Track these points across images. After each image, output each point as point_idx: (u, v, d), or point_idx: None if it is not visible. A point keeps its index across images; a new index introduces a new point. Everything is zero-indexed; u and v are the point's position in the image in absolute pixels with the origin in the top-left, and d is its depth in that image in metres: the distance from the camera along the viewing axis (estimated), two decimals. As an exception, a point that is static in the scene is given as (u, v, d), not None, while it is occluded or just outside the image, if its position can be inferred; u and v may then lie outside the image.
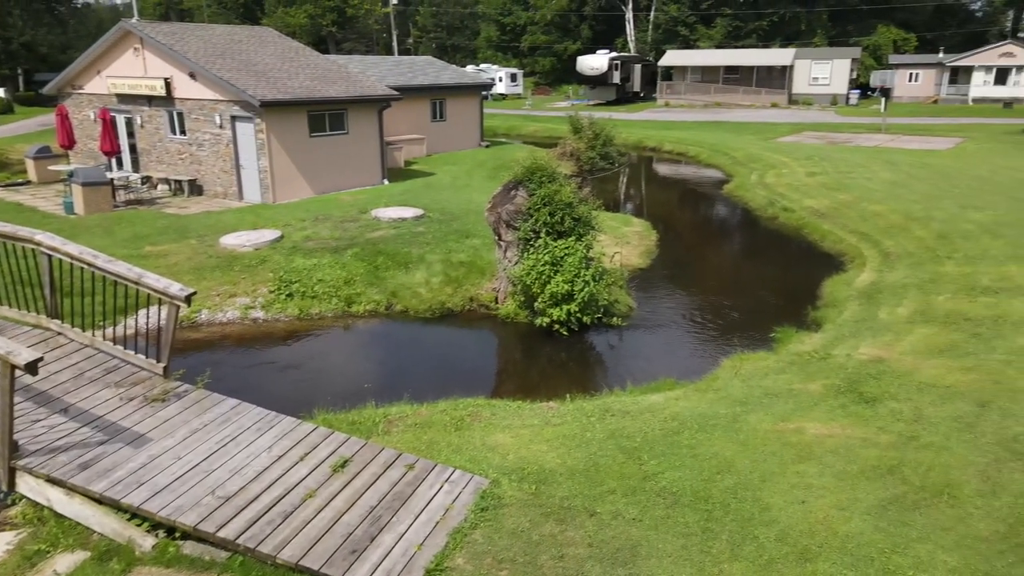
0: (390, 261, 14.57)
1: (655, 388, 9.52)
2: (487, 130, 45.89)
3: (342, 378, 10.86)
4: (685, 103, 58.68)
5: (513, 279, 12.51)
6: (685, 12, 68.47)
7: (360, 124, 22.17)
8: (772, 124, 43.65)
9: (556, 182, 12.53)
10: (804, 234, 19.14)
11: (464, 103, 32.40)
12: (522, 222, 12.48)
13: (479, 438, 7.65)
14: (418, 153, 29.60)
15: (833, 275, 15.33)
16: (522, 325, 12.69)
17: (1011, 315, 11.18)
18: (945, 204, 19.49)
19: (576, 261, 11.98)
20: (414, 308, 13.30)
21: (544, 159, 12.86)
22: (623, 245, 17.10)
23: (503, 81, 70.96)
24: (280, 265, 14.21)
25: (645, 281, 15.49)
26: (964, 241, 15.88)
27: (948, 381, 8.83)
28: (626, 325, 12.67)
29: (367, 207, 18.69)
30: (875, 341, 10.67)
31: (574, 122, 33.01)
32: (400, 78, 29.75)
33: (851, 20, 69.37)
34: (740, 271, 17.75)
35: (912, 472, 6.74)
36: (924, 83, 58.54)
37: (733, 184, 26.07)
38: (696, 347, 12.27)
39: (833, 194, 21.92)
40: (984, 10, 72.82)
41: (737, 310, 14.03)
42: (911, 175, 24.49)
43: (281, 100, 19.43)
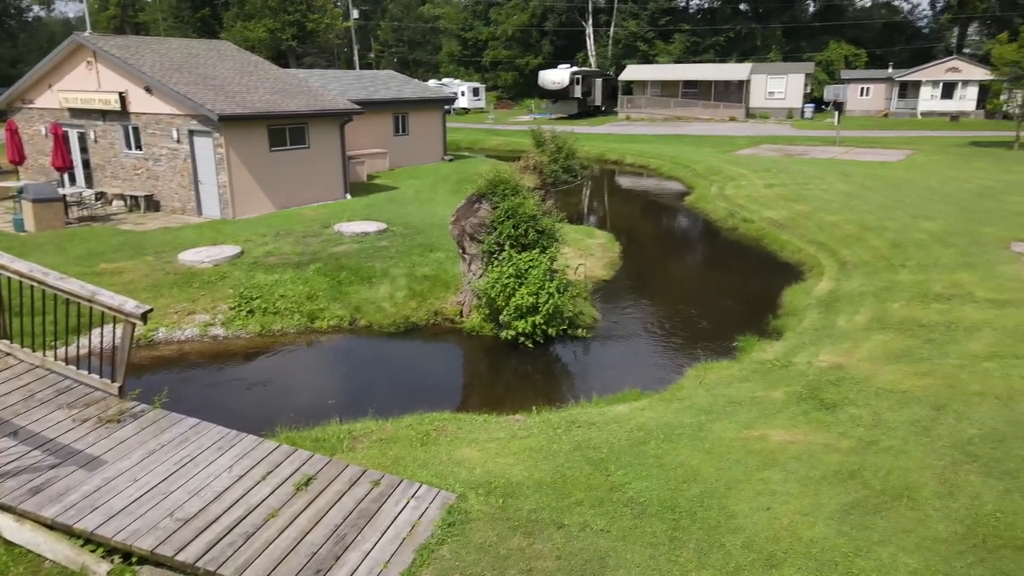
0: (353, 276, 14.43)
1: (621, 399, 9.56)
2: (450, 144, 45.93)
3: (306, 395, 10.68)
4: (646, 117, 59.52)
5: (478, 292, 12.49)
6: (644, 28, 69.66)
7: (321, 138, 22.00)
8: (731, 137, 44.49)
9: (519, 195, 12.57)
10: (764, 244, 19.48)
11: (426, 117, 32.39)
12: (486, 235, 12.47)
13: (445, 452, 7.57)
14: (381, 167, 29.47)
15: (793, 284, 15.61)
16: (487, 338, 12.65)
17: (963, 321, 11.50)
18: (898, 214, 20.03)
19: (540, 273, 12.01)
20: (378, 323, 13.17)
21: (507, 172, 12.90)
22: (587, 257, 17.21)
23: (465, 95, 71.17)
24: (241, 281, 13.96)
25: (609, 292, 15.59)
26: (917, 250, 16.32)
27: (905, 386, 9.02)
28: (591, 336, 12.72)
29: (329, 221, 18.51)
30: (834, 348, 10.87)
31: (536, 135, 33.24)
32: (362, 92, 29.64)
33: (804, 36, 71.25)
34: (703, 281, 17.99)
35: (872, 476, 6.85)
36: (875, 97, 60.31)
37: (694, 196, 26.46)
38: (661, 357, 12.37)
39: (791, 205, 22.38)
40: (930, 27, 75.46)
41: (701, 320, 14.20)
42: (865, 186, 25.14)
43: (240, 114, 19.19)
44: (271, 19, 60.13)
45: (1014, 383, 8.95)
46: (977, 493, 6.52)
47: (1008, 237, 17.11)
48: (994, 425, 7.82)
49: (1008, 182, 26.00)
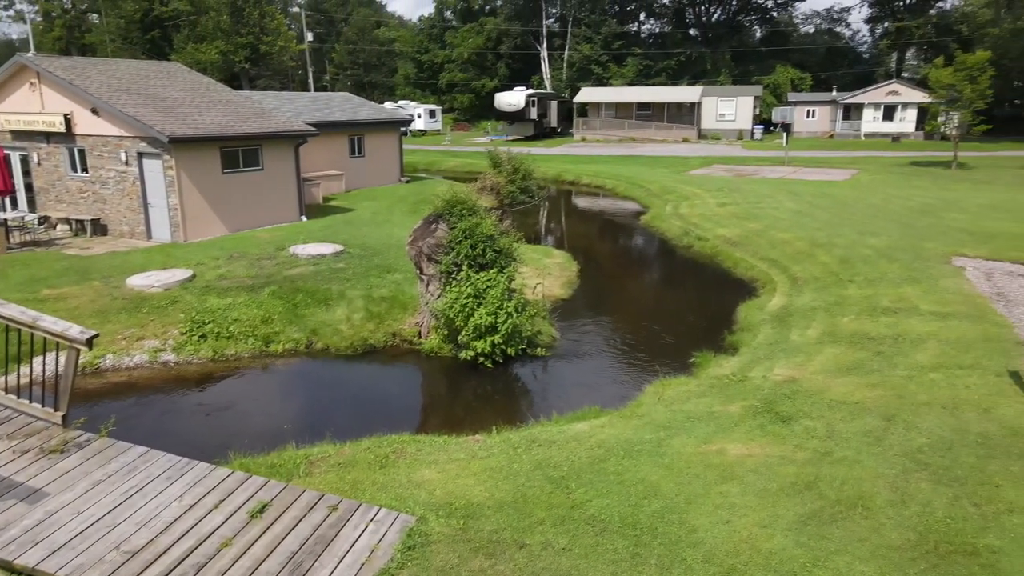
0: (309, 298, 14.22)
1: (580, 417, 9.56)
2: (407, 166, 45.84)
3: (261, 420, 10.43)
4: (601, 138, 60.40)
5: (436, 313, 12.42)
6: (598, 51, 70.95)
7: (275, 160, 21.75)
8: (684, 158, 45.39)
9: (477, 215, 12.58)
10: (718, 261, 19.83)
11: (383, 139, 32.32)
12: (443, 255, 12.44)
13: (405, 475, 7.46)
14: (337, 189, 29.24)
15: (747, 300, 15.90)
16: (446, 359, 12.57)
17: (909, 333, 11.85)
18: (845, 231, 20.62)
19: (499, 293, 12.00)
20: (335, 345, 12.98)
21: (464, 192, 12.92)
22: (545, 276, 17.28)
23: (422, 118, 71.34)
24: (192, 305, 13.64)
25: (568, 311, 15.66)
26: (864, 265, 16.80)
27: (856, 398, 9.23)
28: (550, 355, 12.73)
29: (285, 244, 18.26)
30: (788, 362, 11.08)
31: (493, 157, 33.41)
32: (317, 114, 29.46)
33: (752, 60, 73.46)
34: (660, 299, 18.21)
35: (828, 487, 6.97)
36: (820, 119, 62.26)
37: (649, 215, 26.86)
38: (619, 374, 12.43)
39: (743, 223, 22.86)
40: (871, 52, 78.48)
41: (658, 337, 14.35)
42: (813, 204, 25.85)
43: (191, 136, 18.86)
44: (223, 41, 59.51)
45: (959, 392, 9.23)
46: (928, 500, 6.68)
47: (948, 252, 17.74)
48: (941, 434, 8.03)
49: (946, 200, 27.02)
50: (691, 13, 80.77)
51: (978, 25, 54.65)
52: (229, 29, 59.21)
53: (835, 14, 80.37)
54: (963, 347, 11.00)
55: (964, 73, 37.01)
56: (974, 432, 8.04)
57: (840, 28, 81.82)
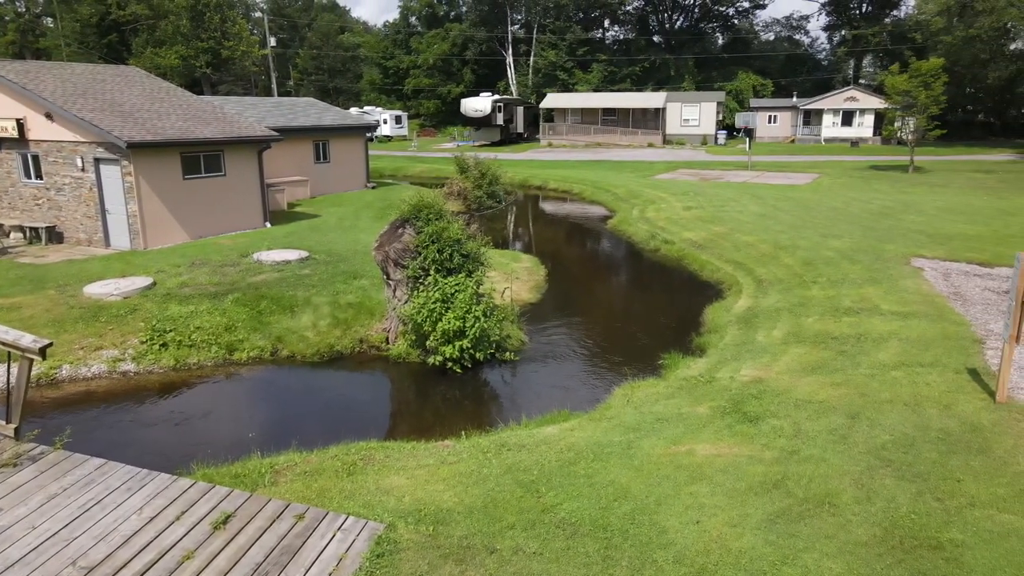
0: (274, 305, 13.99)
1: (550, 420, 9.54)
2: (374, 172, 45.57)
3: (225, 429, 10.21)
4: (567, 143, 60.73)
5: (404, 318, 12.30)
6: (563, 58, 71.40)
7: (238, 166, 21.41)
8: (649, 162, 45.83)
9: (443, 219, 12.51)
10: (684, 264, 20.02)
11: (348, 144, 32.06)
12: (410, 260, 12.34)
13: (373, 482, 7.35)
14: (302, 195, 28.91)
15: (713, 302, 16.06)
16: (415, 364, 12.45)
17: (871, 333, 12.06)
18: (808, 234, 20.98)
19: (467, 297, 11.94)
20: (301, 353, 12.78)
21: (431, 197, 12.84)
22: (513, 281, 17.25)
23: (388, 123, 71.00)
24: (153, 314, 13.32)
25: (536, 315, 15.65)
26: (826, 267, 17.09)
27: (821, 397, 9.35)
28: (519, 359, 12.70)
29: (248, 250, 17.95)
30: (755, 363, 11.19)
31: (460, 162, 33.40)
32: (280, 119, 29.11)
33: (714, 67, 74.56)
34: (627, 301, 18.29)
35: (795, 485, 7.03)
36: (782, 124, 63.43)
37: (616, 219, 27.02)
38: (588, 377, 12.44)
39: (709, 226, 23.13)
40: (829, 59, 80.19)
41: (626, 339, 14.40)
42: (777, 207, 26.26)
43: (150, 141, 18.47)
44: (183, 46, 58.49)
45: (920, 390, 9.40)
46: (892, 496, 6.77)
47: (907, 253, 18.14)
48: (904, 431, 8.17)
49: (904, 202, 27.66)
50: (654, 20, 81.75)
51: (932, 33, 56.21)
52: (189, 33, 58.24)
53: (794, 22, 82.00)
54: (923, 345, 11.22)
55: (919, 80, 37.98)
56: (935, 428, 8.19)
57: (799, 35, 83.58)
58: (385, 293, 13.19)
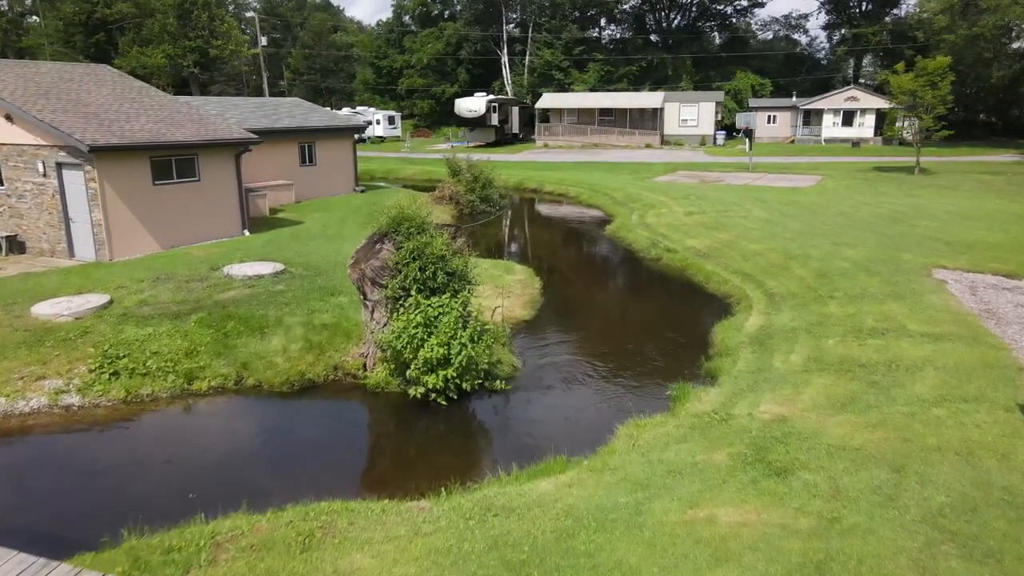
0: (242, 326, 12.70)
1: (544, 470, 8.28)
2: (364, 174, 44.30)
3: (170, 479, 8.92)
4: (563, 144, 59.48)
5: (381, 344, 11.03)
6: (559, 57, 70.16)
7: (214, 170, 20.11)
8: (647, 164, 44.60)
9: (426, 233, 11.24)
10: (688, 275, 18.78)
11: (336, 146, 30.76)
12: (389, 279, 11.07)
13: (330, 562, 6.10)
14: (286, 200, 27.62)
15: (722, 319, 14.83)
16: (394, 395, 11.18)
17: (902, 359, 10.84)
18: (818, 241, 19.76)
19: (451, 321, 10.69)
20: (269, 381, 11.50)
21: (413, 208, 11.56)
22: (505, 296, 16.00)
23: (381, 124, 69.71)
24: (106, 337, 12.03)
25: (530, 335, 14.39)
26: (843, 279, 15.87)
27: (857, 442, 8.12)
28: (511, 388, 11.42)
29: (220, 263, 16.64)
30: (775, 396, 9.96)
31: (452, 165, 32.07)
32: (264, 120, 27.83)
33: (712, 66, 73.40)
34: (629, 319, 17.00)
35: (842, 569, 5.79)
36: (781, 124, 62.32)
37: (615, 225, 25.76)
38: (587, 410, 11.18)
39: (713, 233, 21.90)
40: (828, 58, 79.09)
41: (629, 364, 13.13)
42: (782, 212, 25.05)
43: (116, 145, 17.17)
44: (170, 45, 57.05)
45: (969, 433, 8.19)
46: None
47: (927, 263, 16.94)
48: (961, 490, 6.94)
49: (915, 206, 26.49)
50: (651, 19, 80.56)
51: (934, 31, 55.10)
52: (176, 32, 56.80)
53: (793, 20, 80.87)
54: (963, 375, 10.01)
55: (925, 79, 36.84)
56: (998, 487, 6.97)
57: (798, 35, 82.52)
58: (362, 315, 11.91)
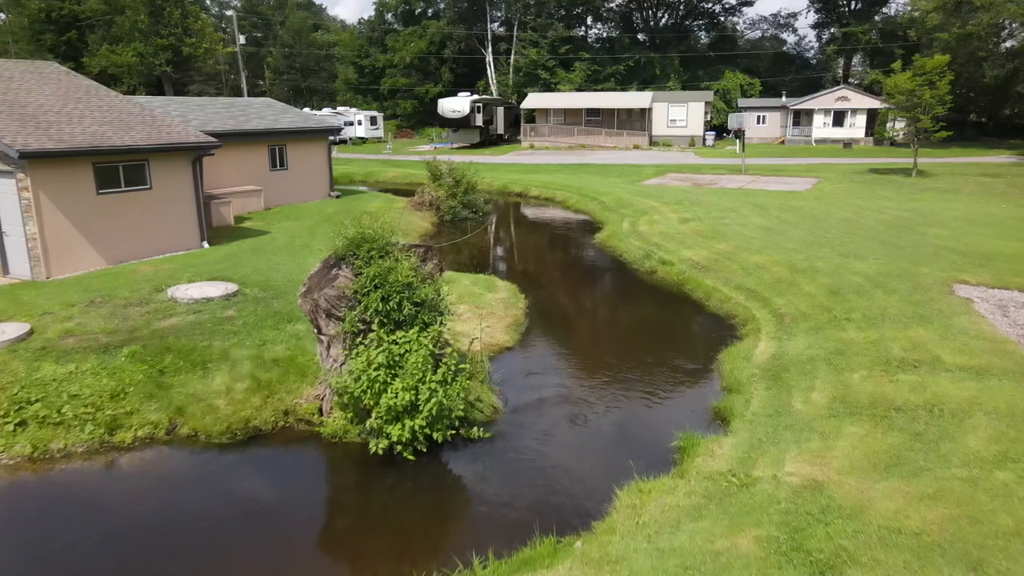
0: (182, 361, 11.02)
1: (528, 561, 6.68)
2: (343, 177, 42.64)
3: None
4: (550, 145, 57.93)
5: (337, 389, 9.38)
6: (544, 56, 68.59)
7: (168, 177, 18.35)
8: (637, 166, 43.14)
9: (390, 256, 9.62)
10: (687, 291, 17.24)
11: (309, 149, 29.01)
12: (347, 311, 9.44)
13: None
14: (255, 207, 25.87)
15: (728, 344, 13.30)
16: (354, 447, 9.54)
17: (945, 401, 9.34)
18: (825, 253, 18.31)
19: (420, 360, 9.07)
20: (207, 430, 9.82)
21: (375, 227, 9.91)
22: (487, 317, 14.40)
23: (362, 124, 67.91)
24: (17, 377, 10.31)
25: (514, 365, 12.77)
26: (858, 298, 14.40)
27: (914, 523, 6.59)
28: (490, 436, 9.81)
29: (167, 282, 14.88)
30: (801, 451, 8.42)
31: (432, 168, 30.33)
32: (230, 122, 26.07)
33: (700, 66, 72.12)
34: (623, 344, 15.32)
35: None
36: (771, 125, 61.14)
37: (605, 233, 24.18)
38: (580, 464, 9.55)
39: (710, 243, 20.39)
40: (817, 58, 78.06)
41: (625, 401, 11.54)
42: (782, 219, 23.61)
43: (52, 150, 15.41)
44: (141, 43, 54.89)
45: (1049, 508, 6.68)
46: None
47: (946, 278, 15.51)
48: (1063, 601, 5.43)
49: (920, 212, 25.17)
50: (638, 17, 79.21)
51: (927, 30, 54.03)
52: (148, 30, 54.62)
53: (782, 19, 79.88)
54: (1022, 423, 8.51)
55: (923, 78, 35.62)
56: (1108, 596, 5.46)
57: (787, 34, 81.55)
58: (318, 351, 10.26)
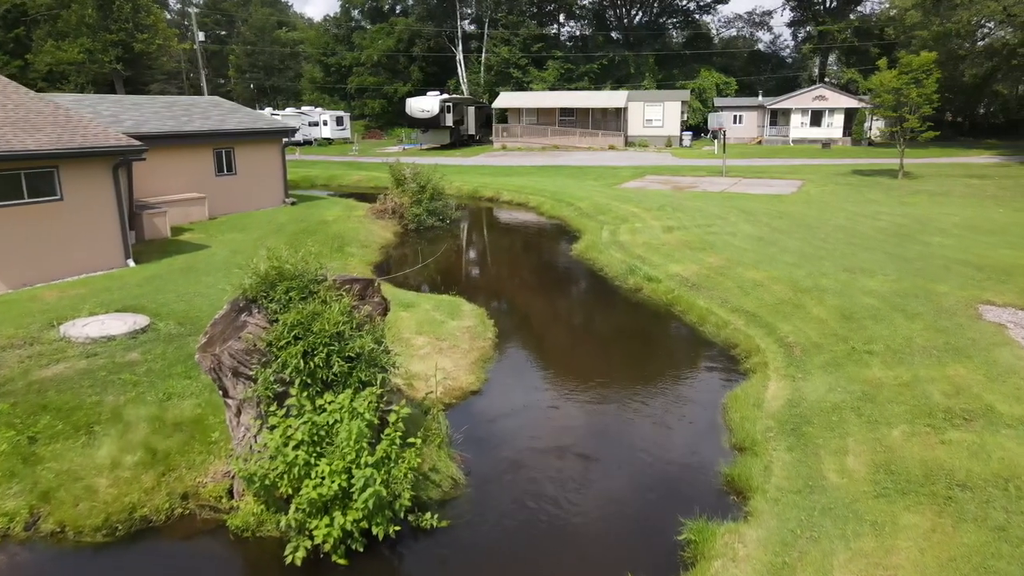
0: (61, 424, 8.75)
1: None
2: (303, 181, 40.20)
3: None
4: (522, 146, 55.90)
5: (244, 475, 7.19)
6: (517, 54, 66.55)
7: (83, 186, 15.97)
8: (613, 168, 41.30)
9: (315, 297, 7.47)
10: (678, 314, 15.28)
11: (260, 152, 26.63)
12: (259, 368, 7.27)
13: None
14: (198, 216, 23.46)
15: (732, 383, 11.35)
16: (271, 543, 7.37)
17: (1018, 472, 7.44)
18: (827, 267, 16.49)
19: (354, 434, 6.94)
20: (78, 523, 7.57)
21: (294, 262, 7.77)
22: (450, 351, 12.29)
23: (328, 125, 65.40)
24: None
25: (479, 415, 10.66)
26: (876, 324, 12.54)
27: None
28: (447, 524, 7.70)
29: (67, 314, 12.52)
30: (852, 552, 6.44)
31: (396, 172, 28.04)
32: (170, 122, 23.63)
33: (675, 64, 70.63)
34: (608, 383, 12.99)
35: None
36: (748, 125, 59.78)
37: (583, 244, 22.12)
38: (564, 569, 7.49)
39: (699, 256, 18.47)
40: (793, 56, 77.04)
41: (615, 464, 9.44)
42: (773, 227, 21.81)
43: (-69, 157, 13.02)
44: (89, 39, 51.71)
45: None
46: None
47: (968, 298, 13.76)
48: None
49: (916, 218, 23.58)
50: (612, 15, 77.54)
51: (906, 27, 52.94)
52: (96, 24, 51.47)
53: (757, 17, 78.71)
54: None
55: (909, 76, 34.21)
56: None
57: (762, 32, 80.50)
58: (226, 417, 8.05)
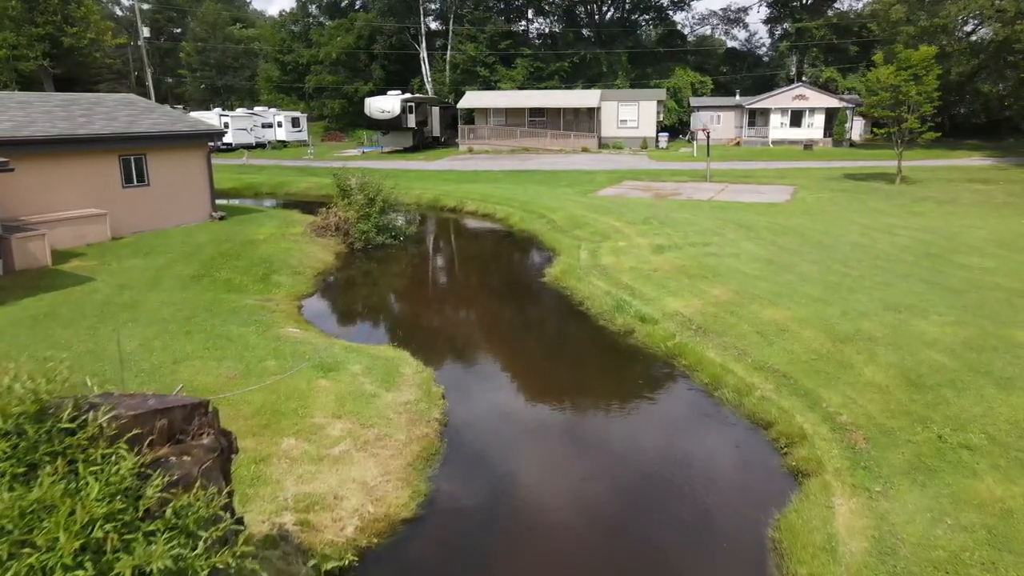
0: None
1: None
2: (245, 189, 36.25)
3: None
4: (490, 148, 52.39)
5: None
6: (483, 52, 63.05)
7: (-98, 209, 12.13)
8: (588, 172, 38.03)
9: (61, 460, 3.85)
10: (683, 369, 11.87)
11: (180, 159, 22.78)
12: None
13: None
14: (96, 236, 19.55)
15: (775, 496, 7.93)
16: None
17: None
18: (863, 303, 13.26)
19: None
20: None
21: (21, 389, 4.20)
22: (377, 447, 8.70)
23: (283, 126, 61.30)
24: None
25: (411, 565, 7.10)
26: (957, 395, 9.27)
27: None
28: None
29: None
30: None
31: (340, 181, 24.29)
32: (63, 124, 19.74)
33: (649, 63, 67.77)
34: (600, 499, 9.65)
35: None
36: (725, 125, 57.02)
37: (558, 268, 18.54)
38: None
39: (700, 287, 15.11)
40: (770, 55, 74.68)
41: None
42: (780, 246, 18.60)
43: None
44: (13, 33, 47.05)
45: None
46: None
47: (1055, 348, 10.60)
48: None
49: (937, 232, 20.65)
50: (582, 12, 74.41)
51: (891, 23, 50.56)
52: (20, 17, 46.85)
53: (732, 14, 76.10)
54: None
55: (908, 72, 31.45)
56: None
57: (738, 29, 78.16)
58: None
